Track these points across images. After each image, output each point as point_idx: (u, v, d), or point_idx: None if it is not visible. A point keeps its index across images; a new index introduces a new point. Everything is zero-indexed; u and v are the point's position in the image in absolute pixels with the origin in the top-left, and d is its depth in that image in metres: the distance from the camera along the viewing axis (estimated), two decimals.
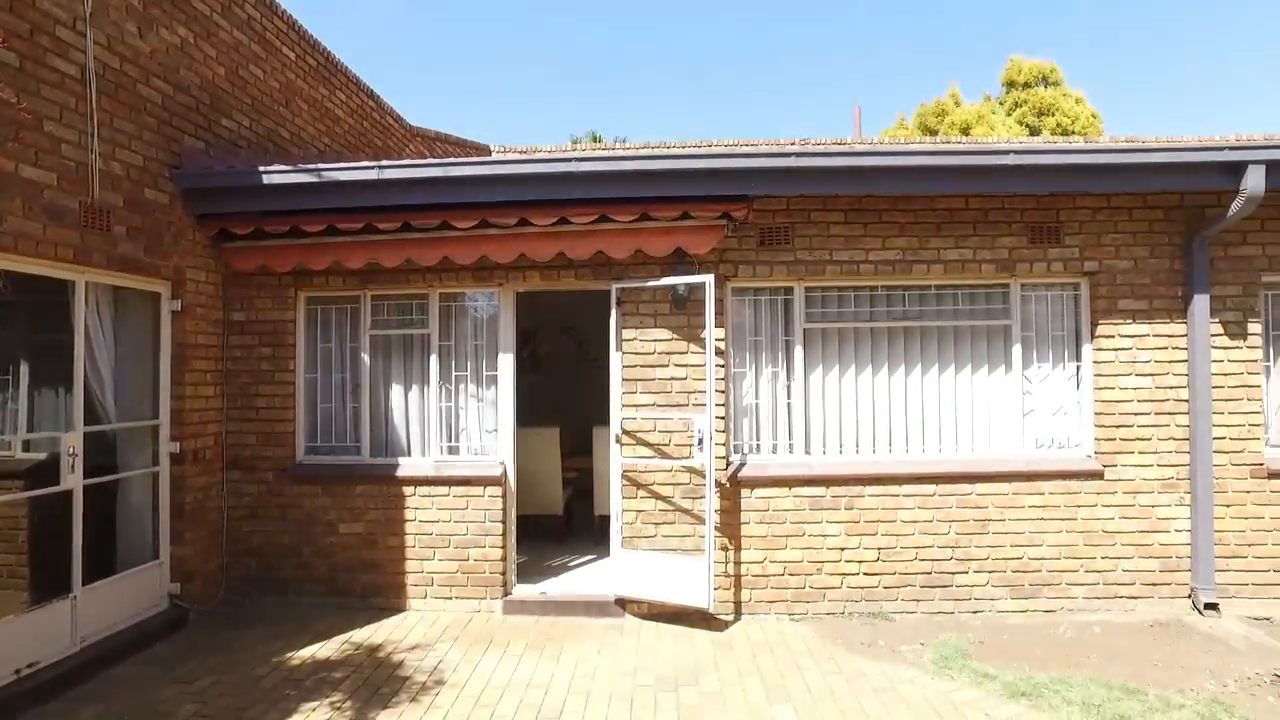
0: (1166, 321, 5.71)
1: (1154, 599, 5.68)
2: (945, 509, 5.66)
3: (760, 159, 5.40)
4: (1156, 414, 5.70)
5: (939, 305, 5.90)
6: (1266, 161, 5.16)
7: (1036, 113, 22.56)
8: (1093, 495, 5.67)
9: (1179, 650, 5.03)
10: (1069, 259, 5.73)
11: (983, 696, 4.33)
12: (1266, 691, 4.43)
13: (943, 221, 5.72)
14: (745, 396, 5.92)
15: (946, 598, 5.66)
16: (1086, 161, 5.34)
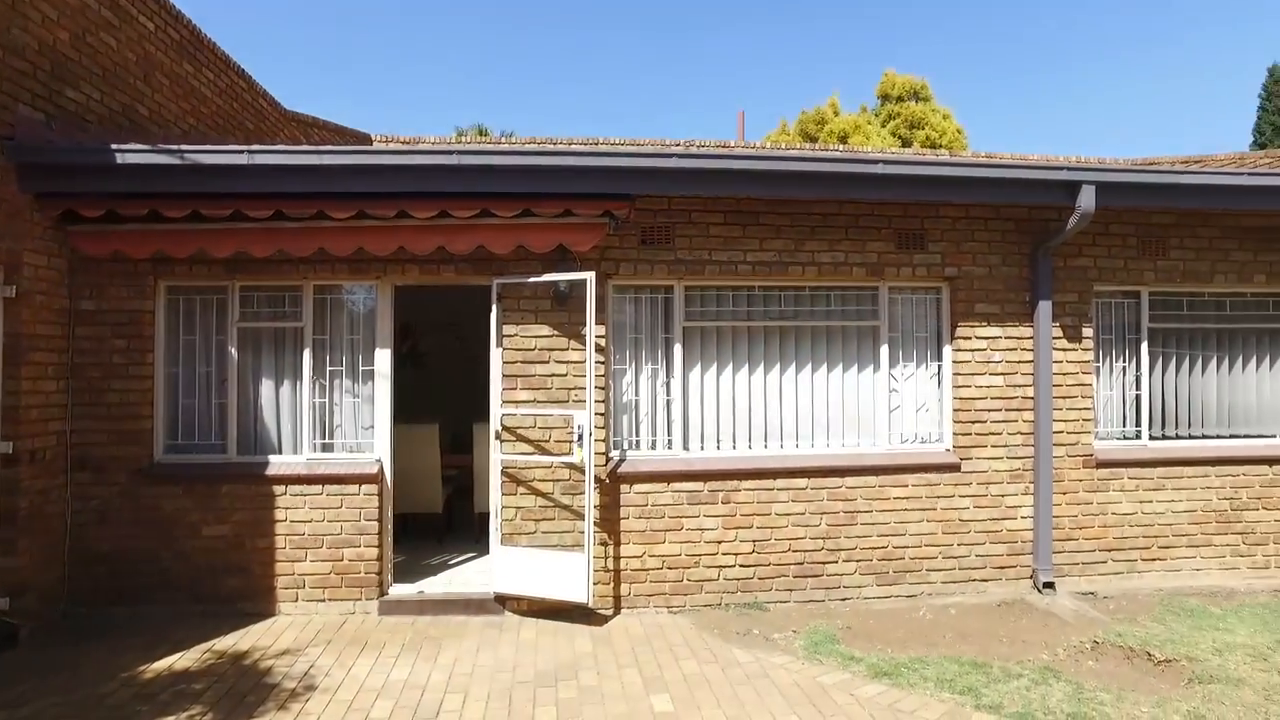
0: (1016, 325, 6.17)
1: (1002, 580, 6.12)
2: (817, 501, 5.91)
3: (644, 159, 5.47)
4: (1007, 410, 6.15)
5: (813, 306, 6.16)
6: (1097, 182, 5.66)
7: (908, 125, 23.81)
8: (951, 486, 6.06)
9: (1021, 626, 5.45)
10: (932, 264, 6.10)
11: (849, 678, 4.56)
12: (1087, 657, 4.90)
13: (817, 226, 5.97)
14: (625, 393, 5.99)
15: (818, 586, 5.92)
16: (947, 174, 5.70)
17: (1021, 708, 4.16)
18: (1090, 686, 4.44)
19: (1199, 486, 6.41)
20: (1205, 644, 5.07)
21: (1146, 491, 6.32)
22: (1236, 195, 6.02)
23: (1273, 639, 5.19)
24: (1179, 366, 6.62)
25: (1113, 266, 6.33)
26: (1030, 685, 4.45)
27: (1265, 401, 6.74)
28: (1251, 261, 6.51)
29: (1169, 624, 5.45)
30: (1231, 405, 6.70)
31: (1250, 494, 6.46)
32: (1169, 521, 6.36)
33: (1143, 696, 4.33)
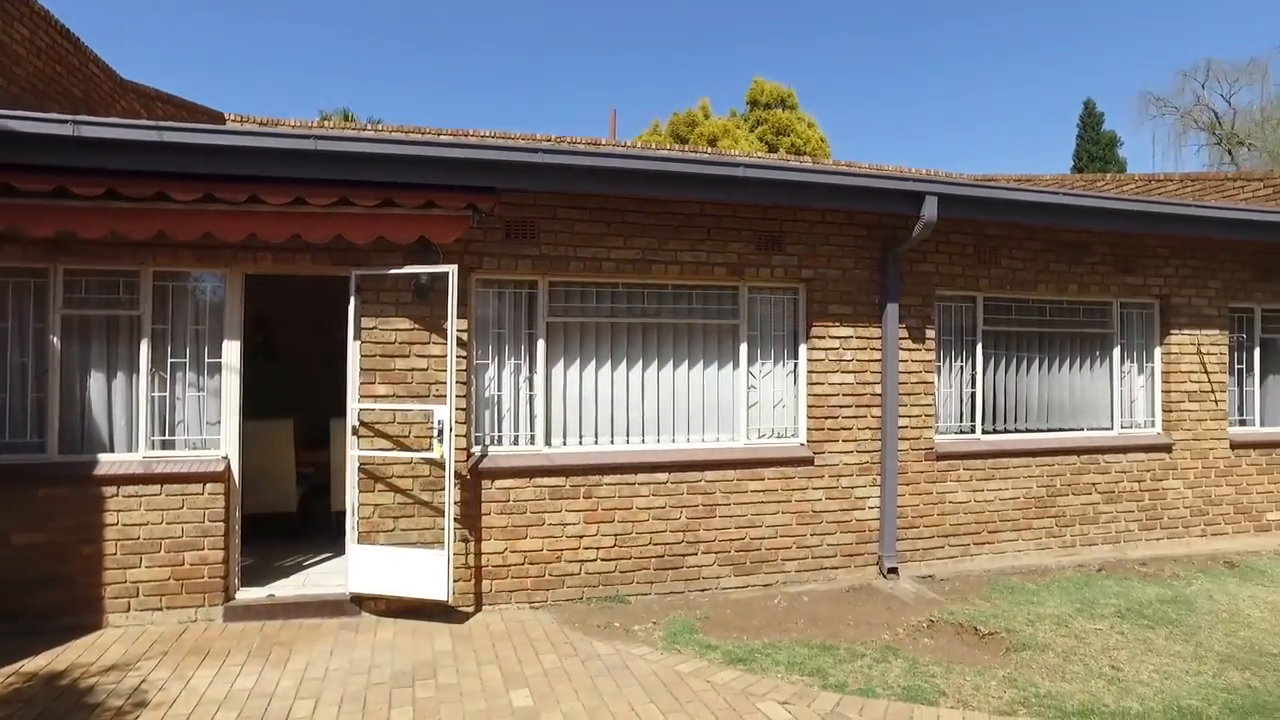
0: (866, 325, 6.53)
1: (851, 568, 6.48)
2: (678, 495, 6.06)
3: (509, 153, 5.43)
4: (857, 406, 6.51)
5: (675, 304, 6.30)
6: (939, 194, 6.08)
7: (775, 132, 24.68)
8: (805, 479, 6.35)
9: (867, 610, 5.79)
10: (790, 266, 6.36)
11: (705, 666, 4.71)
12: (924, 635, 5.27)
13: (681, 225, 6.11)
14: (488, 388, 5.93)
15: (678, 578, 6.07)
16: (804, 180, 5.96)
17: (864, 684, 4.43)
18: (924, 661, 4.78)
19: (1022, 476, 7.01)
20: (1021, 617, 5.56)
21: (979, 481, 6.86)
22: (1056, 213, 6.62)
23: (1073, 608, 5.77)
24: (1008, 366, 7.21)
25: (953, 273, 6.82)
26: (872, 663, 4.74)
27: (1077, 398, 7.45)
28: (1067, 272, 7.18)
29: (994, 601, 5.94)
30: (1050, 402, 7.37)
31: (1063, 481, 7.14)
32: (997, 508, 6.92)
33: (968, 667, 4.70)
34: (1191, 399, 7.65)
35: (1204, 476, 7.68)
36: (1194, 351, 7.66)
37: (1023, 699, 4.27)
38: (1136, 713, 4.13)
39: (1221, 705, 4.22)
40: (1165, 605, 5.90)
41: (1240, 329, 8.09)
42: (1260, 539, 7.84)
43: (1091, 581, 6.49)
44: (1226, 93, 25.48)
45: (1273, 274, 8.01)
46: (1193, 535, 7.62)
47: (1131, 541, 7.39)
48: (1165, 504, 7.53)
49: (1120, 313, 7.58)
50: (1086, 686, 4.44)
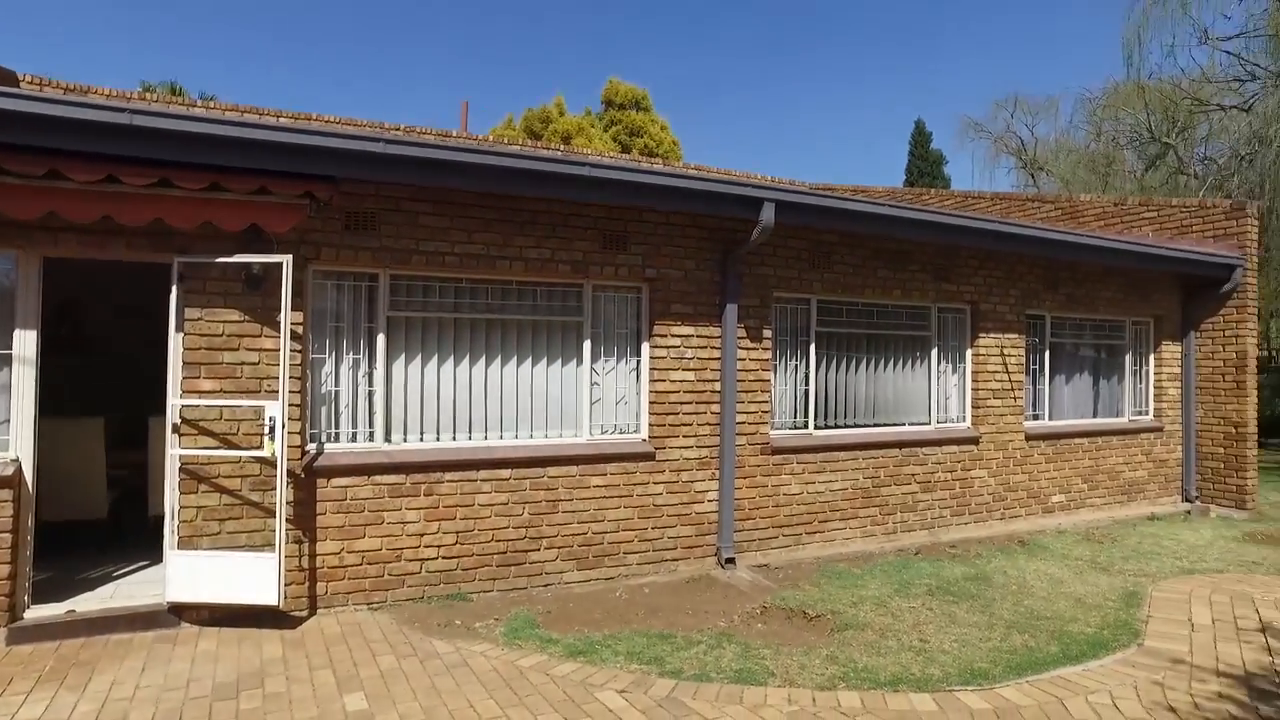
0: (707, 325, 6.78)
1: (691, 559, 6.70)
2: (520, 491, 6.06)
3: (350, 141, 5.24)
4: (697, 403, 6.74)
5: (520, 300, 6.30)
6: (777, 200, 6.40)
7: (629, 133, 25.05)
8: (646, 474, 6.51)
9: (705, 599, 6.02)
10: (633, 265, 6.51)
11: (546, 660, 4.75)
12: (757, 621, 5.54)
13: (526, 222, 6.11)
14: (325, 384, 5.71)
15: (521, 575, 6.07)
16: (648, 181, 6.10)
17: (699, 670, 4.62)
18: (756, 645, 5.03)
19: (851, 468, 7.50)
20: (845, 599, 5.96)
21: (811, 474, 7.27)
22: (882, 222, 7.13)
23: (892, 589, 6.25)
24: (839, 365, 7.69)
25: (789, 275, 7.20)
26: (707, 650, 4.94)
27: (900, 395, 8.06)
28: (891, 278, 7.74)
29: (822, 586, 6.33)
30: (876, 399, 7.92)
31: (886, 473, 7.70)
32: (827, 500, 7.37)
33: (796, 648, 4.99)
34: (996, 396, 8.45)
35: (1004, 466, 8.51)
36: (998, 353, 8.46)
37: (843, 674, 4.59)
38: (938, 678, 4.54)
39: (1005, 665, 4.73)
40: (968, 582, 6.49)
41: (1034, 333, 9.01)
42: (1047, 519, 8.77)
43: (909, 564, 7.03)
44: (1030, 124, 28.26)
45: (1059, 284, 8.98)
46: (994, 519, 8.42)
47: (944, 526, 8.07)
48: (973, 491, 8.28)
49: (937, 317, 8.26)
50: (898, 659, 4.83)
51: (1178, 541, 8.15)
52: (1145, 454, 9.81)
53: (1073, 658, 4.89)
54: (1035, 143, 27.53)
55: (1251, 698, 4.31)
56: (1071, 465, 9.11)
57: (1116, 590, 6.33)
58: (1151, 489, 9.86)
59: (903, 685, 4.44)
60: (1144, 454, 9.80)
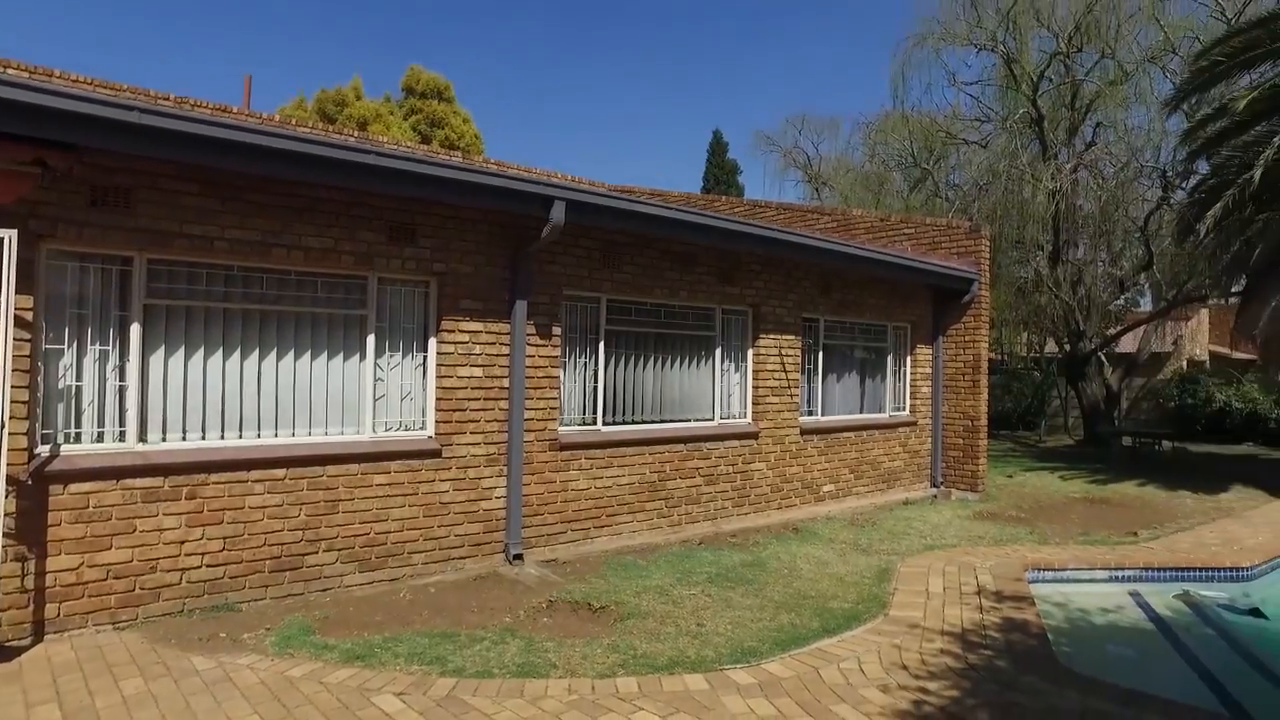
0: (496, 321, 6.74)
1: (479, 557, 6.64)
2: (297, 492, 5.72)
3: (95, 106, 4.66)
4: (486, 399, 6.69)
5: (299, 291, 5.94)
6: (567, 199, 6.49)
7: (430, 123, 24.31)
8: (432, 472, 6.37)
9: (492, 596, 5.99)
10: (422, 259, 6.34)
11: (320, 667, 4.52)
12: (543, 615, 5.60)
13: (306, 208, 5.78)
14: (63, 378, 5.09)
15: (297, 580, 5.73)
16: (438, 174, 5.96)
17: (481, 667, 4.59)
18: (541, 639, 5.08)
19: (638, 463, 7.75)
20: (630, 590, 6.16)
21: (599, 469, 7.44)
22: (669, 226, 7.43)
23: (674, 578, 6.54)
24: (628, 363, 7.92)
25: (580, 274, 7.32)
26: (491, 646, 4.92)
27: (685, 393, 8.43)
28: (679, 280, 8.09)
29: (608, 578, 6.49)
30: (663, 396, 8.24)
31: (672, 467, 8.03)
32: (615, 494, 7.57)
33: (580, 640, 5.09)
34: (774, 393, 9.07)
35: (781, 459, 9.15)
36: (776, 353, 9.08)
37: (623, 662, 4.74)
38: (711, 659, 4.81)
39: (772, 642, 5.10)
40: (745, 568, 6.92)
41: (809, 335, 9.77)
42: (819, 508, 9.54)
43: (692, 554, 7.38)
44: (816, 141, 30.52)
45: (832, 290, 9.80)
46: (772, 509, 9.03)
47: (726, 517, 8.54)
48: (752, 484, 8.84)
49: (722, 318, 8.72)
50: (676, 644, 5.06)
51: (924, 522, 9.15)
52: (902, 446, 10.93)
53: (831, 630, 5.36)
54: (820, 159, 29.78)
55: (963, 649, 4.97)
56: (840, 457, 9.97)
57: (872, 568, 7.00)
58: (907, 477, 11.00)
59: (679, 668, 4.66)
60: (901, 446, 10.92)
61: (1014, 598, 6.06)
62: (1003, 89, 20.56)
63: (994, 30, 19.78)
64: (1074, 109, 19.37)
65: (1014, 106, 19.88)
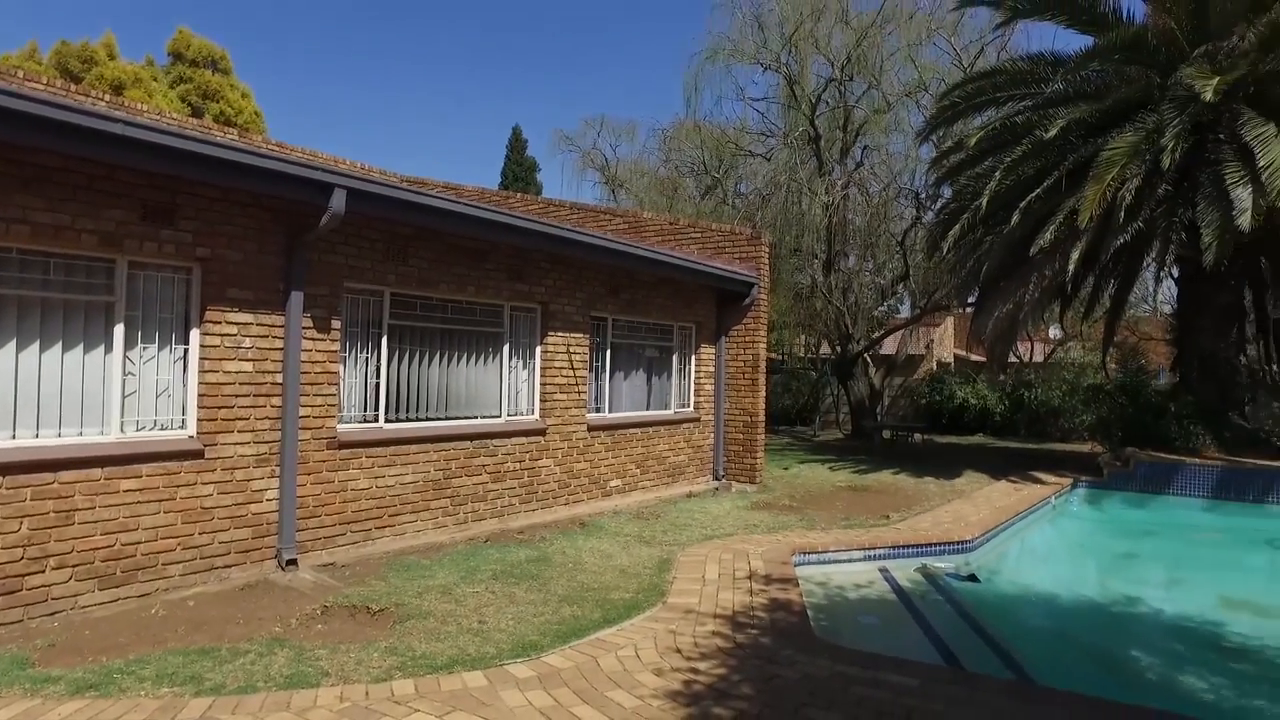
0: (269, 312, 6.31)
1: (247, 564, 6.19)
2: (17, 503, 5.02)
3: None
4: (256, 395, 6.25)
5: (24, 273, 5.22)
6: (349, 188, 6.21)
7: (201, 95, 22.23)
8: (193, 474, 5.86)
9: (260, 605, 5.61)
10: (183, 243, 5.81)
11: (38, 705, 4.01)
12: (317, 622, 5.33)
13: (35, 179, 5.10)
14: None
15: (15, 605, 5.03)
16: (201, 151, 5.47)
17: (244, 682, 4.29)
18: (312, 647, 4.82)
19: (422, 461, 7.56)
20: (411, 590, 6.01)
21: (381, 468, 7.18)
22: (458, 220, 7.31)
23: (459, 576, 6.46)
24: (412, 358, 7.70)
25: (362, 266, 7.02)
26: (256, 659, 4.61)
27: (473, 390, 8.34)
28: (467, 275, 7.99)
29: (390, 580, 6.29)
30: (450, 393, 8.10)
31: (458, 465, 7.92)
32: (398, 493, 7.34)
33: (356, 644, 4.89)
34: (562, 390, 9.18)
35: (569, 455, 9.28)
36: (565, 351, 9.20)
37: (401, 664, 4.61)
38: (492, 655, 4.80)
39: (554, 635, 5.18)
40: (531, 564, 6.96)
41: (598, 333, 9.99)
42: (605, 502, 9.79)
43: (478, 552, 7.31)
44: (614, 144, 31.15)
45: (621, 290, 10.08)
46: (559, 504, 9.14)
47: (514, 514, 8.54)
48: (540, 480, 8.90)
49: (511, 315, 8.71)
50: (457, 642, 5.00)
51: (705, 514, 9.64)
52: (686, 441, 11.45)
53: (611, 621, 5.52)
54: (617, 161, 30.43)
55: (733, 630, 5.31)
56: (627, 453, 10.27)
57: (654, 559, 7.28)
58: (690, 471, 11.54)
59: (458, 666, 4.61)
60: (685, 441, 11.43)
61: (781, 580, 6.54)
62: (785, 107, 22.09)
63: (779, 52, 21.22)
64: (846, 131, 21.19)
65: (795, 124, 21.41)
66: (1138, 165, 11.26)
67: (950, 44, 20.02)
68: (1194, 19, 12.18)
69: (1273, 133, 10.38)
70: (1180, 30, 12.31)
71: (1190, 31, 12.19)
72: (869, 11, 20.15)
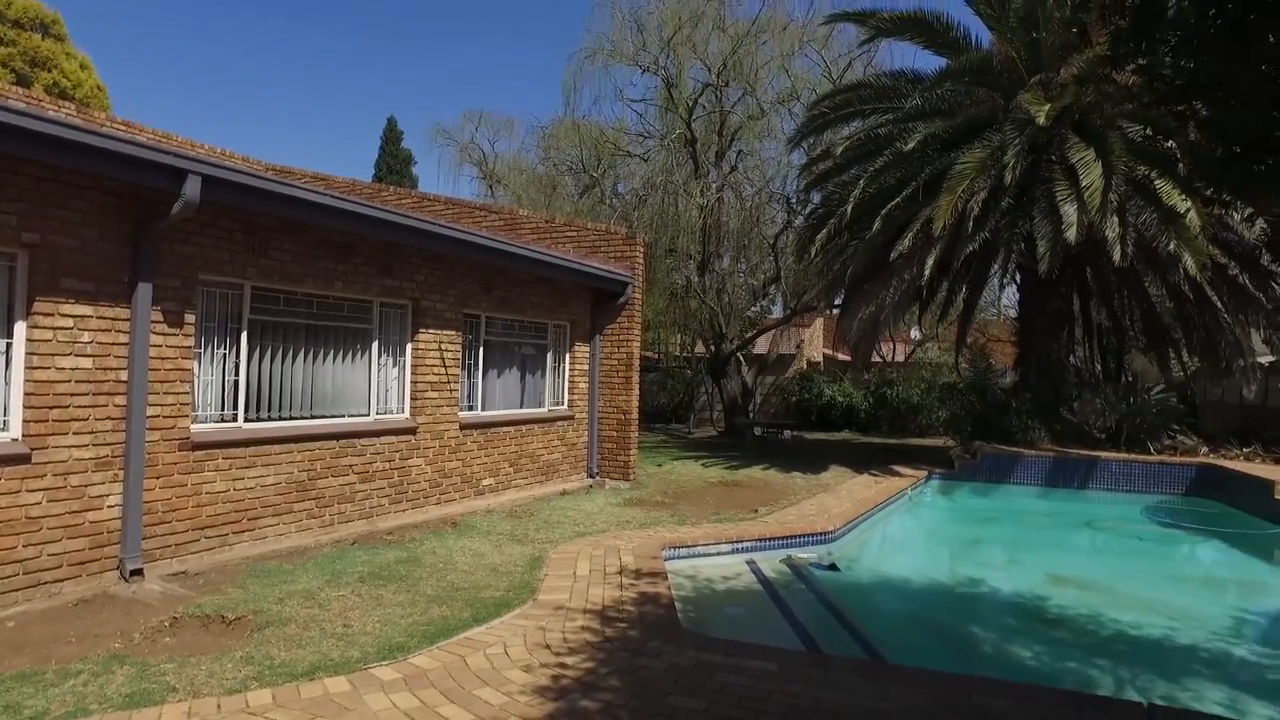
0: (112, 305, 5.89)
1: (84, 577, 5.75)
2: None
3: None
4: (96, 394, 5.81)
5: None
6: (204, 174, 5.87)
7: (30, 62, 20.32)
8: (17, 481, 5.38)
9: (98, 621, 5.22)
10: (6, 226, 5.32)
11: None
12: (165, 635, 5.02)
13: None
14: None
15: None
16: (24, 126, 4.98)
17: (75, 706, 3.99)
18: (158, 661, 4.55)
19: (285, 462, 7.24)
20: (272, 597, 5.76)
21: (240, 470, 6.83)
22: (325, 213, 7.05)
23: (323, 580, 6.24)
24: (275, 355, 7.37)
25: (220, 258, 6.65)
26: (90, 679, 4.30)
27: (340, 388, 8.06)
28: (334, 270, 7.71)
29: (248, 587, 5.99)
30: (315, 391, 7.79)
31: (323, 465, 7.63)
32: (259, 495, 7.00)
33: (208, 656, 4.65)
34: (434, 388, 9.01)
35: (440, 454, 9.12)
36: (437, 348, 9.03)
37: (258, 674, 4.42)
38: (357, 659, 4.67)
39: (421, 636, 5.10)
40: (400, 565, 6.80)
41: (471, 331, 9.85)
42: (478, 501, 9.67)
43: (345, 554, 7.07)
44: (492, 139, 30.71)
45: (495, 287, 9.99)
46: (431, 504, 8.97)
47: (383, 515, 8.31)
48: (410, 479, 8.70)
49: (380, 311, 8.46)
50: (320, 648, 4.84)
51: (579, 511, 9.69)
52: (560, 439, 11.46)
53: (481, 620, 5.48)
54: (495, 157, 29.99)
55: (602, 625, 5.38)
56: (500, 451, 10.18)
57: (526, 557, 7.27)
58: (565, 468, 11.56)
59: (320, 672, 4.47)
60: (559, 439, 11.44)
61: (651, 574, 6.67)
62: (663, 109, 22.43)
63: (657, 55, 21.52)
64: (722, 135, 21.73)
65: (672, 126, 21.79)
66: (985, 180, 12.14)
67: (821, 56, 20.93)
68: (1029, 50, 13.25)
69: (1092, 157, 11.43)
70: (1019, 59, 13.37)
71: (1027, 61, 13.26)
72: (745, 20, 20.78)
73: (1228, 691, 5.47)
